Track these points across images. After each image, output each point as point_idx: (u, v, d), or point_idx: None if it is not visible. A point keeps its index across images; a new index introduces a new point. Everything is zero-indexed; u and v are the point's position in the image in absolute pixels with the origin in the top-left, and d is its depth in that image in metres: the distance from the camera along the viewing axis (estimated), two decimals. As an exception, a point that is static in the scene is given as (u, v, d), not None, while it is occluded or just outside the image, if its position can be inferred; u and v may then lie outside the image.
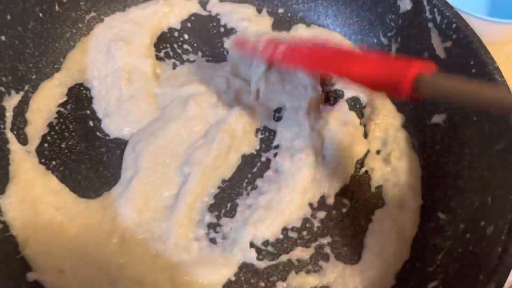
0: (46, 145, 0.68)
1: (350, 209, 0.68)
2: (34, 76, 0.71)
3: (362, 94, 0.79)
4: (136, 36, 0.79)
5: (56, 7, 0.73)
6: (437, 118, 0.72)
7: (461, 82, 0.44)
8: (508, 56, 0.93)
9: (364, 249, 0.65)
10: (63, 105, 0.71)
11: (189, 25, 0.84)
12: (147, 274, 0.59)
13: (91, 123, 0.71)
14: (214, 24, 0.85)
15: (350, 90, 0.79)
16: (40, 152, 0.67)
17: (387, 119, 0.76)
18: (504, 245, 0.52)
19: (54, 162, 0.66)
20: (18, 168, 0.63)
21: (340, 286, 0.61)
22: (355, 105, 0.79)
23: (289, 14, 0.88)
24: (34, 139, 0.67)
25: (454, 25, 0.69)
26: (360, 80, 0.53)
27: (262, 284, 0.61)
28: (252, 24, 0.84)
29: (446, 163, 0.69)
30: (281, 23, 0.87)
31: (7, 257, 0.56)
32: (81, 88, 0.74)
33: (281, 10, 0.88)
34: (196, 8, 0.86)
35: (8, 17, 0.65)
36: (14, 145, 0.65)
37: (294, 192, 0.66)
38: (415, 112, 0.76)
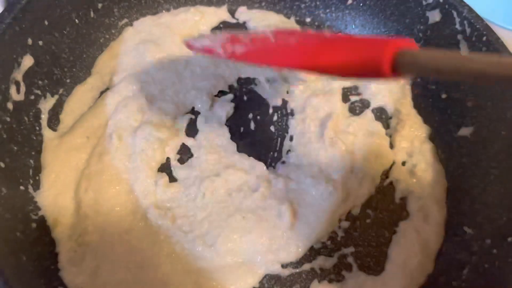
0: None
1: (374, 220, 0.68)
2: (68, 80, 0.73)
3: (388, 105, 0.79)
4: (165, 39, 0.80)
5: (92, 13, 0.75)
6: (464, 131, 0.72)
7: (446, 53, 0.41)
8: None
9: (387, 260, 0.65)
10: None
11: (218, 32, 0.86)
12: (173, 276, 0.60)
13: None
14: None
15: (376, 100, 0.79)
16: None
17: (413, 130, 0.76)
18: (532, 263, 0.51)
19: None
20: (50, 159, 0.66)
21: (363, 297, 0.62)
22: (381, 115, 0.79)
23: (316, 23, 0.89)
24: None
25: (484, 38, 0.69)
26: (334, 70, 0.48)
27: (285, 291, 0.62)
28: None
29: (472, 177, 0.69)
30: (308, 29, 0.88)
31: (39, 255, 0.57)
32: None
33: (308, 19, 0.89)
34: (225, 16, 0.87)
35: (46, 22, 0.67)
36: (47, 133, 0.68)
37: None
38: (442, 124, 0.75)
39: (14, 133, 0.62)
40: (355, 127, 0.75)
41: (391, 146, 0.75)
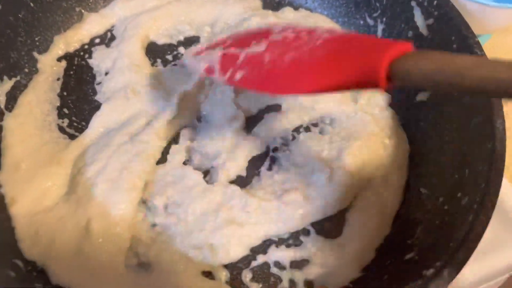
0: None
1: (332, 186, 0.69)
2: (26, 64, 0.74)
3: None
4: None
5: (46, -3, 0.76)
6: (422, 96, 0.72)
7: (448, 57, 0.37)
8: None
9: (345, 224, 0.66)
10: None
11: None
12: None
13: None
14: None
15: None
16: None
17: (373, 98, 0.77)
18: (475, 214, 0.52)
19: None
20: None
21: (320, 259, 0.62)
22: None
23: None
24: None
25: (435, 2, 0.70)
26: (332, 89, 0.46)
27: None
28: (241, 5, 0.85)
29: (429, 140, 0.69)
30: (270, 5, 0.88)
31: None
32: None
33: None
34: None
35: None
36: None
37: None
38: (400, 91, 0.76)
39: (-30, 114, 0.63)
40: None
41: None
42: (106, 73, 0.76)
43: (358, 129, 0.72)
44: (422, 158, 0.69)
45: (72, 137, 0.70)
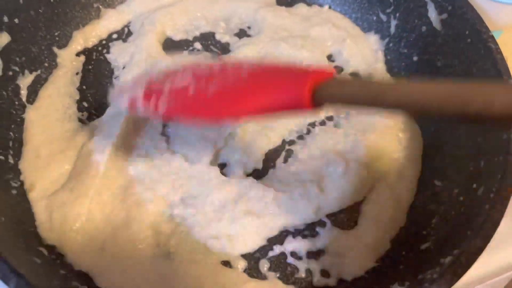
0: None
1: (349, 178, 0.70)
2: (46, 58, 0.75)
3: (362, 71, 0.81)
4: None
5: (67, -8, 0.77)
6: (436, 90, 0.73)
7: (363, 84, 0.42)
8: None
9: (360, 215, 0.67)
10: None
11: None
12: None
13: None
14: None
15: (349, 66, 0.81)
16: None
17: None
18: (492, 203, 0.53)
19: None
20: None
21: (336, 250, 0.63)
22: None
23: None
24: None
25: (448, -4, 0.71)
26: (257, 114, 0.48)
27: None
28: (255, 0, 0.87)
29: (444, 133, 0.70)
30: (284, 1, 0.89)
31: (19, 218, 0.60)
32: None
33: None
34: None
35: (21, 1, 0.69)
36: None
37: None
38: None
39: (-7, 107, 0.64)
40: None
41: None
42: (124, 67, 0.78)
43: (373, 122, 0.73)
44: (437, 151, 0.70)
45: (93, 129, 0.71)
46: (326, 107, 0.44)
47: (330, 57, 0.82)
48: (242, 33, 0.85)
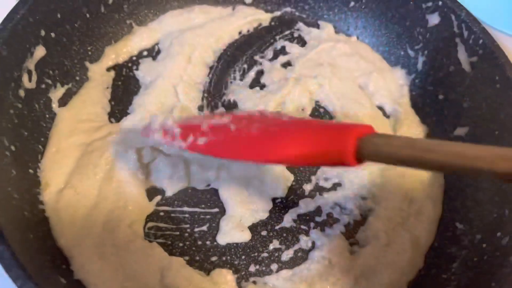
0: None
1: (369, 214, 0.70)
2: (78, 72, 0.76)
3: (387, 104, 0.81)
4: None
5: (102, 8, 0.78)
6: (460, 131, 0.74)
7: (407, 142, 0.41)
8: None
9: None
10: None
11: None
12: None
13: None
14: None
15: (374, 99, 0.81)
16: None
17: (411, 130, 0.78)
18: (518, 255, 0.53)
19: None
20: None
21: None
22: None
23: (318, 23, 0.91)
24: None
25: (481, 41, 0.71)
26: (296, 162, 0.48)
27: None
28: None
29: (466, 175, 0.70)
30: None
31: (45, 233, 0.60)
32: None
33: (311, 20, 0.92)
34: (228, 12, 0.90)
35: (58, 15, 0.70)
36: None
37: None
38: (439, 124, 0.78)
39: (24, 119, 0.65)
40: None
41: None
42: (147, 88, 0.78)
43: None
44: (458, 193, 0.70)
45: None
46: (371, 161, 0.43)
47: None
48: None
